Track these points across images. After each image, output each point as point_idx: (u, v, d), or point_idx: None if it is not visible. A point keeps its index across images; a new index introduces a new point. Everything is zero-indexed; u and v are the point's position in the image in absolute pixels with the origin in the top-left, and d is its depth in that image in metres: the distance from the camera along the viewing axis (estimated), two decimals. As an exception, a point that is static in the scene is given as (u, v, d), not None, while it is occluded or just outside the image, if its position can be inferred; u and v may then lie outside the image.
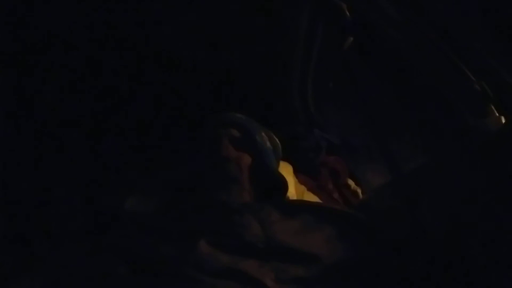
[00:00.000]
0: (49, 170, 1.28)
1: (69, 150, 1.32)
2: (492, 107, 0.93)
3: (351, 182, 1.33)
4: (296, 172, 1.30)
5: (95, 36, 1.27)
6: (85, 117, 1.36)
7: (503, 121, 0.92)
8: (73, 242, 1.08)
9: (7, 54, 1.23)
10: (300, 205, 1.05)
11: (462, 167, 0.92)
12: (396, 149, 1.09)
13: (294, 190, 1.19)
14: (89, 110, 1.35)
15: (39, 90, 1.30)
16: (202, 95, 1.39)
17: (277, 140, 1.20)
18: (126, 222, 1.06)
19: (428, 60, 1.05)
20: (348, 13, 1.10)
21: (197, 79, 1.38)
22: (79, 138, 1.34)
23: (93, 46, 1.29)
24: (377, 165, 1.24)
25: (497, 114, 0.93)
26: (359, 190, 1.32)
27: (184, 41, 1.32)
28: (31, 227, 1.19)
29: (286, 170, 1.23)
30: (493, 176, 0.83)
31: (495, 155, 0.85)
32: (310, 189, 1.26)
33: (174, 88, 1.38)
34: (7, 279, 1.02)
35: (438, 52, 1.01)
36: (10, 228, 1.19)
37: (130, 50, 1.31)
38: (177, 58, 1.35)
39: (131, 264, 0.92)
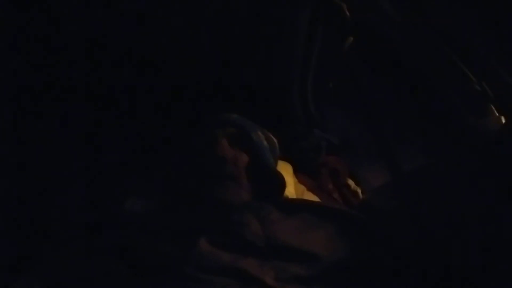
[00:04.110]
0: (49, 170, 1.28)
1: (69, 150, 1.32)
2: (492, 107, 0.93)
3: (351, 182, 1.33)
4: (296, 172, 1.30)
5: (94, 34, 1.27)
6: (85, 117, 1.35)
7: (503, 121, 0.92)
8: (73, 242, 1.08)
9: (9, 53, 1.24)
10: (300, 204, 1.06)
11: (462, 167, 0.92)
12: (396, 149, 1.09)
13: (294, 190, 1.19)
14: (89, 110, 1.35)
15: (39, 90, 1.29)
16: (202, 95, 1.39)
17: (274, 138, 1.20)
18: (126, 222, 1.06)
19: (428, 60, 1.05)
20: (348, 13, 1.10)
21: (196, 79, 1.38)
22: (79, 138, 1.34)
23: (92, 45, 1.29)
24: (377, 165, 1.24)
25: (497, 114, 0.93)
26: (359, 190, 1.32)
27: (183, 41, 1.32)
28: (31, 227, 1.19)
29: (286, 170, 1.23)
30: (493, 176, 0.83)
31: (495, 155, 0.85)
32: (310, 189, 1.26)
33: (174, 88, 1.38)
34: (7, 279, 1.02)
35: (438, 52, 1.01)
36: (10, 228, 1.18)
37: (128, 50, 1.31)
38: (176, 59, 1.35)
39: (131, 264, 0.92)
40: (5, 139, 1.25)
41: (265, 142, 1.16)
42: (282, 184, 1.08)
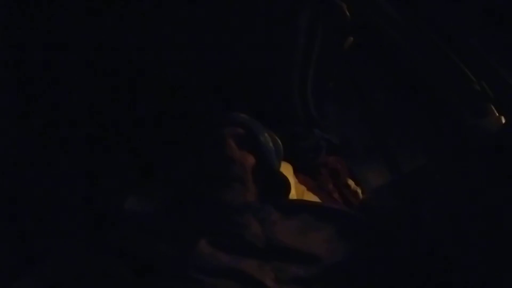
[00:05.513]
0: (49, 170, 1.28)
1: (69, 150, 1.31)
2: (492, 107, 0.93)
3: (351, 182, 1.33)
4: (296, 172, 1.30)
5: (95, 33, 1.27)
6: (85, 116, 1.35)
7: (503, 121, 0.92)
8: (73, 242, 1.08)
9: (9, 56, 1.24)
10: (300, 205, 1.06)
11: (462, 167, 0.92)
12: (396, 149, 1.09)
13: (294, 190, 1.19)
14: (89, 110, 1.35)
15: (39, 90, 1.29)
16: (202, 95, 1.39)
17: (279, 141, 1.20)
18: (126, 222, 1.06)
19: (428, 60, 1.05)
20: (348, 13, 1.10)
21: (197, 79, 1.38)
22: (79, 138, 1.34)
23: (92, 45, 1.29)
24: (377, 165, 1.24)
25: (497, 114, 0.93)
26: (359, 190, 1.32)
27: (185, 41, 1.32)
28: (31, 226, 1.19)
29: (286, 170, 1.23)
30: (493, 176, 0.83)
31: (495, 155, 0.85)
32: (310, 189, 1.26)
33: (175, 88, 1.38)
34: (7, 279, 1.02)
35: (438, 52, 1.01)
36: (10, 228, 1.19)
37: (130, 49, 1.31)
38: (177, 58, 1.35)
39: (131, 264, 0.92)
40: (5, 139, 1.25)
41: (271, 144, 1.16)
42: (287, 187, 1.09)
